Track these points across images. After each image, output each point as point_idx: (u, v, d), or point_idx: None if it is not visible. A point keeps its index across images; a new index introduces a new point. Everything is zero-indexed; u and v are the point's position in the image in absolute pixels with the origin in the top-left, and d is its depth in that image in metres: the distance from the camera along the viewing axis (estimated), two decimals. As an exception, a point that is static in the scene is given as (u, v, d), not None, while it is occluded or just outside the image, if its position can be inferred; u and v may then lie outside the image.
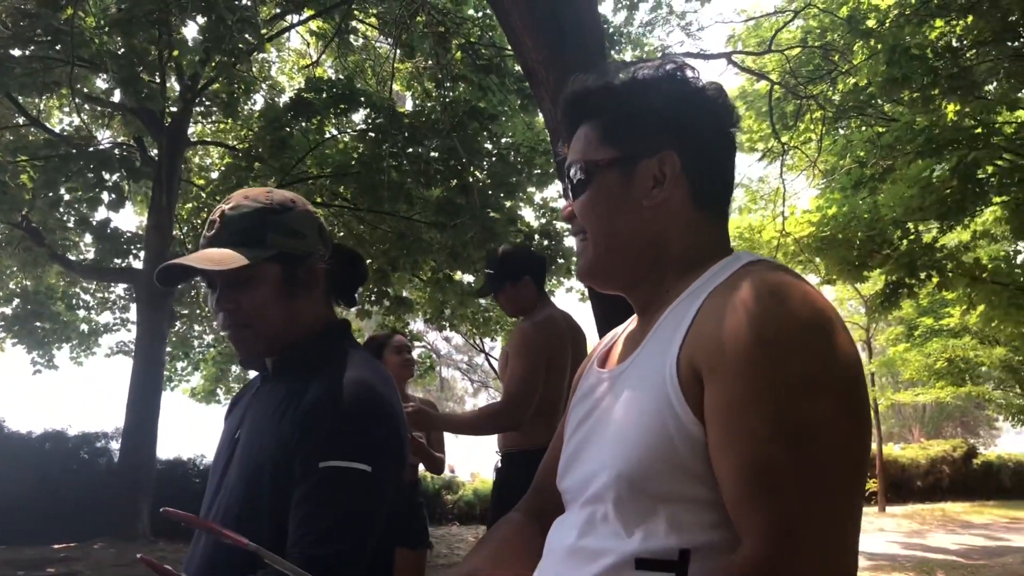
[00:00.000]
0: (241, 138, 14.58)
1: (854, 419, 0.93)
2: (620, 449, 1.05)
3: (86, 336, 16.73)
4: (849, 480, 0.92)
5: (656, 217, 1.18)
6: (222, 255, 1.64)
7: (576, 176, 1.23)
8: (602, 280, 1.26)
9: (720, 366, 0.97)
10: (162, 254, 12.14)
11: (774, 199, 14.17)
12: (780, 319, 0.96)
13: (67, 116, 14.93)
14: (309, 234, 1.78)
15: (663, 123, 1.19)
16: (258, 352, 1.79)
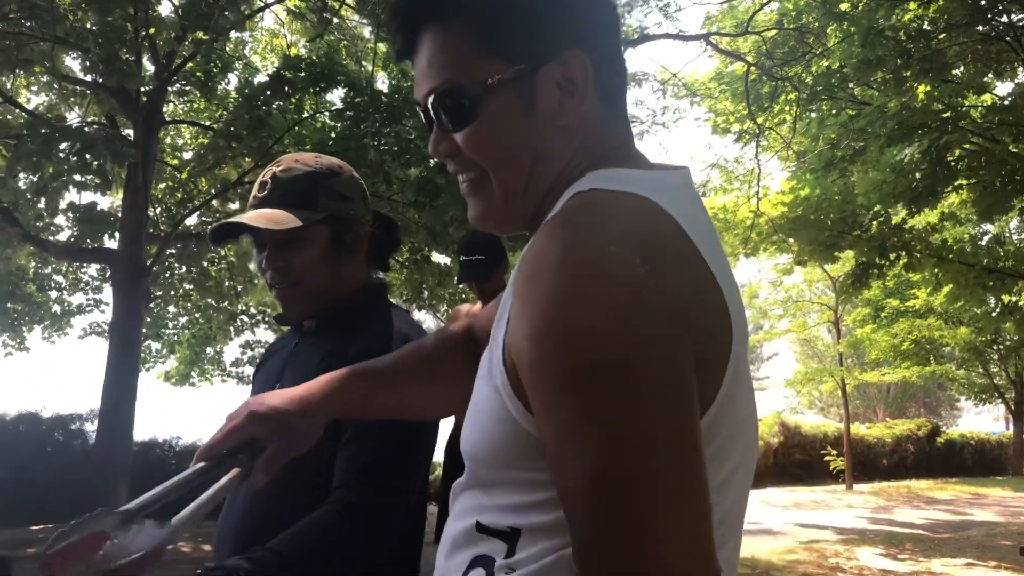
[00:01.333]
0: (215, 118, 14.46)
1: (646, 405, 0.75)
2: (468, 428, 0.97)
3: (58, 317, 16.54)
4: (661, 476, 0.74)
5: (567, 134, 0.98)
6: (277, 216, 1.72)
7: (453, 104, 0.97)
8: (510, 223, 1.05)
9: (521, 364, 0.84)
10: (138, 234, 12.03)
11: (749, 180, 14.37)
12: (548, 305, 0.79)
13: (34, 95, 14.72)
14: (356, 199, 1.88)
15: (559, 18, 0.96)
16: (302, 310, 1.88)
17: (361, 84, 11.45)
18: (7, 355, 15.94)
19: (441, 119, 0.98)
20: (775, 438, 22.66)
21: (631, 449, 0.73)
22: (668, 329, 0.77)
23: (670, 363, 0.76)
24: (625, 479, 0.73)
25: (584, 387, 0.75)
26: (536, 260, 0.82)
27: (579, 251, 0.79)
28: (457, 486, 1.01)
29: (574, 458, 0.76)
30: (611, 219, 0.82)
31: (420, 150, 11.16)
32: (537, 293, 0.80)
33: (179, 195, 14.30)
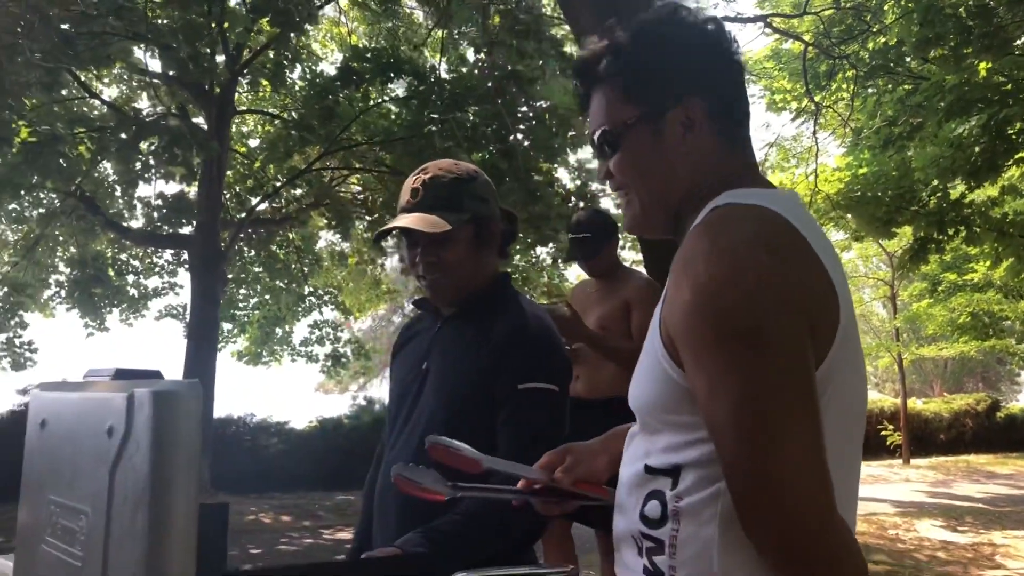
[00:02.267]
0: (282, 107, 14.94)
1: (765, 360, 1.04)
2: (637, 381, 1.27)
3: (135, 300, 17.31)
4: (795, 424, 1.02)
5: (690, 160, 1.26)
6: (433, 220, 1.99)
7: (606, 139, 1.30)
8: (650, 229, 1.36)
9: (675, 334, 1.13)
10: (213, 220, 12.60)
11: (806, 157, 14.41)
12: (694, 286, 1.09)
13: (106, 87, 15.36)
14: (491, 199, 2.12)
15: (679, 71, 1.26)
16: (449, 298, 2.13)
17: (424, 72, 11.78)
18: (89, 335, 16.71)
19: (602, 151, 1.33)
20: (831, 413, 22.58)
21: (763, 392, 1.03)
22: (786, 303, 1.06)
23: (788, 328, 1.05)
24: (759, 414, 1.02)
25: (725, 347, 1.05)
26: (687, 256, 1.13)
27: (719, 248, 1.10)
28: (631, 434, 1.32)
29: (720, 401, 1.05)
30: (743, 224, 1.13)
31: (483, 136, 11.47)
32: (688, 280, 1.10)
33: (249, 182, 14.84)
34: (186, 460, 1.05)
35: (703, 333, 1.08)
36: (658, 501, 1.18)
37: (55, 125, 11.01)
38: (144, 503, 1.02)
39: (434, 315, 2.22)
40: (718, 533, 1.11)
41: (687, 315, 1.10)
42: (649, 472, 1.21)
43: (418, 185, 2.05)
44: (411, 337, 2.30)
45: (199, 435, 1.06)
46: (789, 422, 1.02)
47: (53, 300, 16.90)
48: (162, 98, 13.63)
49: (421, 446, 1.91)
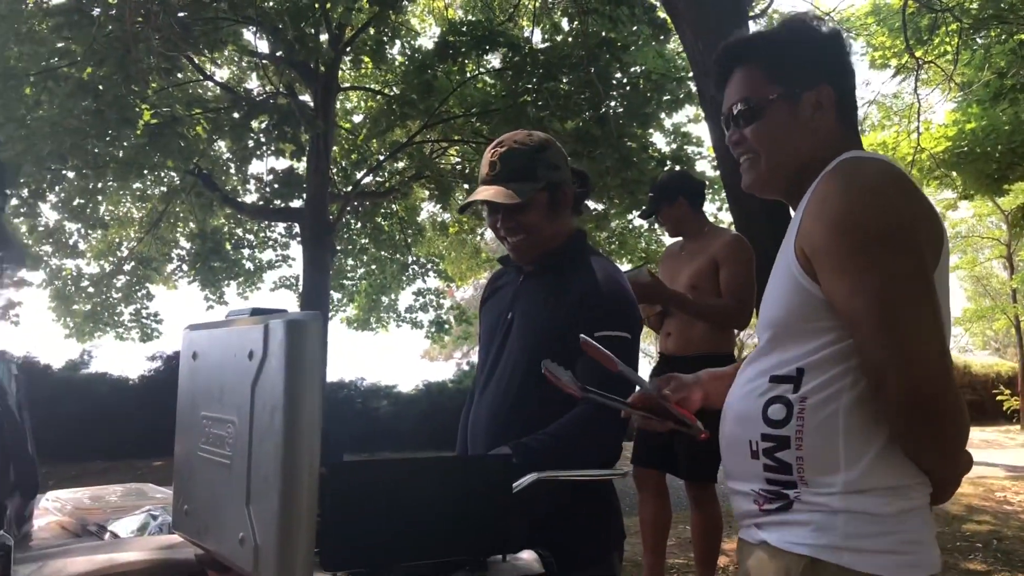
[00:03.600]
0: (383, 82, 15.39)
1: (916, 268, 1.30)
2: (770, 302, 1.48)
3: (251, 273, 18.20)
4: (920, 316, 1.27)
5: (815, 137, 1.50)
6: (509, 192, 2.17)
7: (746, 109, 1.52)
8: (769, 189, 1.57)
9: (815, 254, 1.35)
10: (322, 194, 13.16)
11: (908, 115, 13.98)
12: (846, 201, 1.33)
13: (218, 69, 16.11)
14: (563, 166, 2.29)
15: (816, 61, 1.52)
16: (530, 258, 2.32)
17: (519, 43, 11.97)
18: (209, 308, 17.70)
19: (738, 120, 1.55)
20: (943, 378, 21.87)
21: (900, 285, 1.28)
22: (916, 218, 1.33)
23: (918, 237, 1.32)
24: (896, 302, 1.27)
25: (868, 251, 1.29)
26: (824, 194, 1.38)
27: (857, 182, 1.35)
28: (747, 360, 1.55)
29: (862, 295, 1.28)
30: (875, 165, 1.38)
31: (576, 105, 11.60)
32: (829, 207, 1.35)
33: (354, 157, 15.37)
34: (312, 374, 1.33)
35: (847, 242, 1.31)
36: (782, 404, 1.40)
37: (174, 107, 11.70)
38: (280, 408, 1.30)
39: (517, 271, 2.42)
40: (842, 424, 1.34)
41: (830, 231, 1.33)
42: (773, 381, 1.43)
43: (495, 158, 2.23)
44: (496, 289, 2.50)
45: (323, 354, 1.33)
46: (918, 309, 1.27)
47: (176, 273, 17.96)
48: (271, 78, 14.25)
49: (507, 387, 2.18)
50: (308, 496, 1.24)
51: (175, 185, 15.34)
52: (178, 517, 1.68)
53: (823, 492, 1.35)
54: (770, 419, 1.40)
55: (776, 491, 1.41)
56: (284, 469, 1.25)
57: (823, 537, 1.34)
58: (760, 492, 1.44)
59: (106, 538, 2.24)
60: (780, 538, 1.40)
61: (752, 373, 1.50)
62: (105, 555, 1.92)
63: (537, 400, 2.09)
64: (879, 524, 1.32)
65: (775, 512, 1.41)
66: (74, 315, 16.64)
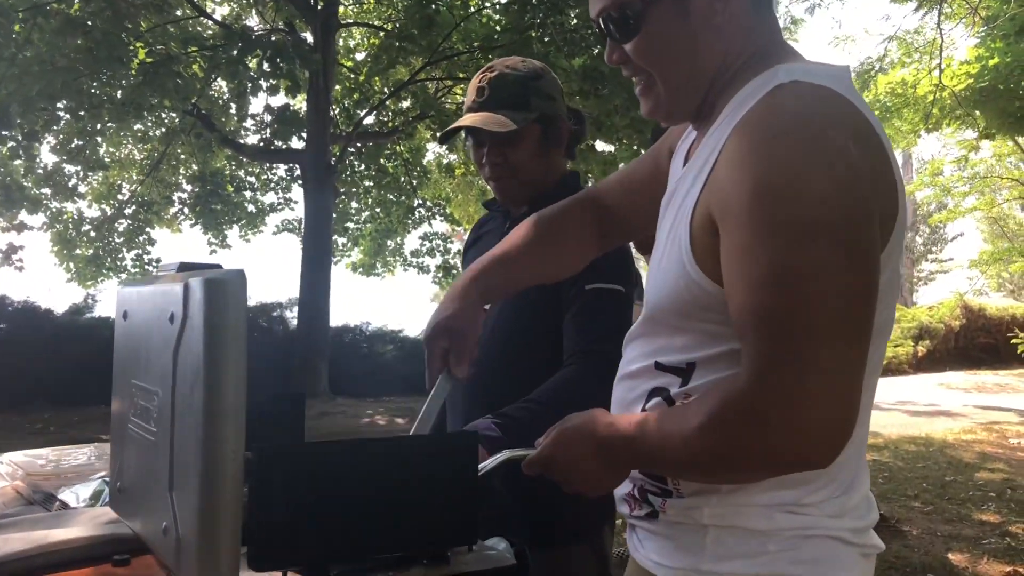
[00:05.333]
0: (385, 18, 14.96)
1: (851, 262, 0.93)
2: (654, 284, 1.17)
3: (253, 216, 18.01)
4: (843, 325, 0.92)
5: (720, 39, 1.12)
6: (499, 118, 1.94)
7: (620, 19, 1.14)
8: (677, 115, 1.23)
9: (726, 216, 0.99)
10: (323, 134, 12.86)
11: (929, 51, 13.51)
12: (777, 165, 0.95)
13: (218, 6, 15.69)
14: (558, 98, 2.07)
15: None
16: (518, 198, 2.09)
17: (525, -25, 11.55)
18: (212, 252, 17.55)
19: (612, 33, 1.16)
20: (956, 321, 21.75)
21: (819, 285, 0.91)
22: (870, 198, 0.95)
23: (870, 230, 0.95)
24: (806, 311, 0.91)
25: (801, 239, 0.92)
26: (759, 132, 0.99)
27: (804, 129, 0.96)
28: (632, 332, 1.25)
29: (761, 292, 0.93)
30: (823, 107, 0.99)
31: (584, 40, 11.22)
32: (766, 157, 0.96)
33: (356, 96, 15.02)
34: (235, 341, 1.13)
35: (773, 215, 0.94)
36: (662, 398, 1.14)
37: (169, 45, 11.38)
38: (200, 380, 1.11)
39: (504, 215, 2.21)
40: None
41: (758, 194, 0.95)
42: (659, 368, 1.15)
43: (484, 83, 2.01)
44: (481, 236, 2.30)
45: (245, 319, 1.13)
46: (837, 324, 0.92)
47: (178, 217, 17.76)
48: (268, 15, 13.85)
49: (490, 344, 1.92)
50: (232, 484, 1.08)
51: (175, 126, 15.07)
52: (113, 494, 1.55)
53: (693, 505, 1.11)
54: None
55: (644, 496, 1.19)
56: (205, 451, 1.08)
57: (686, 558, 1.12)
58: (631, 495, 1.22)
59: (54, 508, 2.08)
60: (644, 554, 1.20)
61: (637, 351, 1.22)
62: (42, 531, 1.75)
63: (524, 357, 1.94)
64: (758, 543, 1.07)
65: (644, 519, 1.20)
66: (76, 259, 16.53)
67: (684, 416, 1.02)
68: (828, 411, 0.91)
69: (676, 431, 1.02)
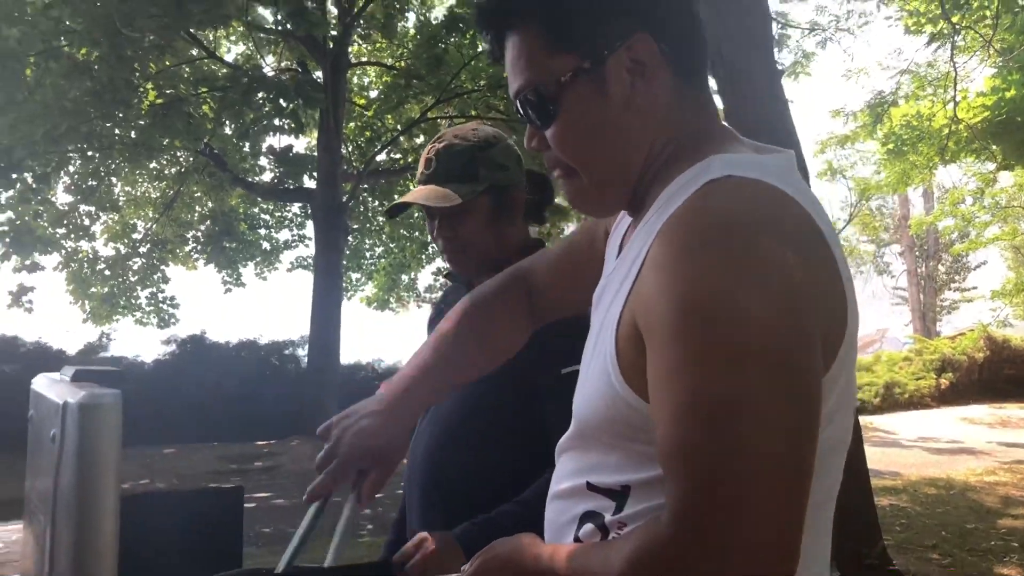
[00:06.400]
0: (397, 56, 15.04)
1: (786, 393, 0.80)
2: (581, 394, 1.04)
3: (268, 253, 18.06)
4: (776, 464, 0.78)
5: (645, 116, 1.01)
6: (444, 192, 1.86)
7: (535, 101, 1.02)
8: (603, 207, 1.12)
9: (650, 332, 0.88)
10: (333, 172, 12.88)
11: (944, 84, 13.36)
12: (702, 281, 0.83)
13: (234, 45, 15.84)
14: (512, 166, 1.97)
15: (617, 4, 1.00)
16: (472, 271, 1.99)
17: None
18: (227, 291, 17.59)
19: (530, 117, 1.04)
20: (980, 353, 21.36)
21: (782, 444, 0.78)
22: (809, 317, 0.83)
23: (810, 356, 0.82)
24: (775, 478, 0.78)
25: (730, 366, 0.80)
26: (684, 239, 0.87)
27: (734, 238, 0.84)
28: (563, 444, 1.10)
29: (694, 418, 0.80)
30: (758, 209, 0.87)
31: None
32: (690, 270, 0.84)
33: (368, 133, 15.07)
34: (107, 472, 1.06)
35: (700, 338, 0.82)
36: (595, 525, 1.01)
37: (179, 87, 11.45)
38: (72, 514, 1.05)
39: (467, 285, 2.07)
40: None
41: (683, 312, 0.83)
42: (591, 489, 1.02)
43: (431, 155, 1.94)
44: (444, 308, 2.14)
45: (119, 445, 1.07)
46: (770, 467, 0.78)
47: (192, 254, 17.83)
48: (282, 54, 13.94)
49: (447, 423, 1.83)
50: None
51: (188, 165, 15.17)
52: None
53: None
54: (579, 540, 1.02)
55: None
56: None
57: None
58: None
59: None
60: None
61: (569, 465, 1.08)
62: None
63: (491, 454, 1.79)
64: None
65: None
66: (91, 298, 16.60)
67: (607, 558, 0.88)
68: (761, 560, 0.77)
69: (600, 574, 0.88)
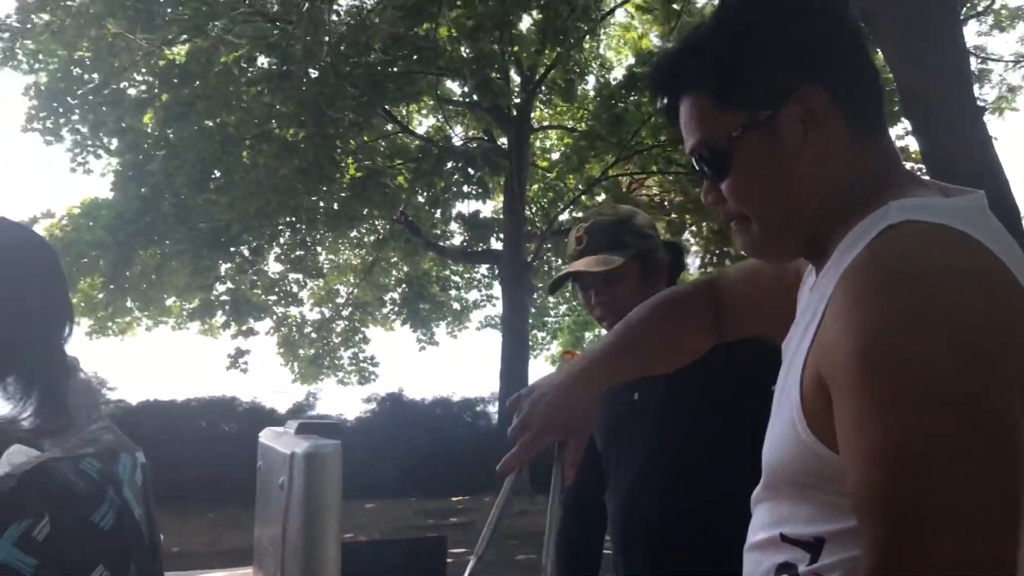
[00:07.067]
0: (577, 119, 15.39)
1: (981, 435, 0.78)
2: (770, 445, 1.04)
3: (458, 313, 18.76)
4: (977, 510, 0.76)
5: (819, 166, 1.01)
6: (603, 259, 2.07)
7: (708, 158, 1.05)
8: (778, 255, 1.13)
9: (834, 382, 0.87)
10: (518, 234, 13.26)
11: None
12: (884, 326, 0.82)
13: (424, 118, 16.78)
14: (653, 234, 2.17)
15: (783, 57, 1.01)
16: None
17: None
18: (421, 349, 18.36)
19: (705, 172, 1.07)
20: None
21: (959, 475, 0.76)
22: (1003, 364, 0.80)
23: (1004, 398, 0.79)
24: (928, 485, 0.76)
25: (920, 411, 0.78)
26: (863, 285, 0.87)
27: (916, 282, 0.83)
28: (757, 495, 1.12)
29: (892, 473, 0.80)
30: (938, 253, 0.86)
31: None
32: (871, 316, 0.83)
33: (550, 194, 15.44)
34: (331, 513, 1.18)
35: (883, 387, 0.81)
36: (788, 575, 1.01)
37: (375, 160, 12.23)
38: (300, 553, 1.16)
39: None
40: None
41: (864, 361, 0.82)
42: (785, 541, 1.01)
43: (581, 233, 2.15)
44: None
45: (340, 490, 1.18)
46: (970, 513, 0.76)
47: (389, 316, 18.77)
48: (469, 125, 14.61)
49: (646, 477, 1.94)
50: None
51: (385, 232, 16.06)
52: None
53: None
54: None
55: None
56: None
57: None
58: None
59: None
60: None
61: (763, 517, 1.08)
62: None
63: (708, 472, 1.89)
64: None
65: None
66: (299, 360, 17.75)
67: None
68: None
69: None
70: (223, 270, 13.71)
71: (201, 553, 9.51)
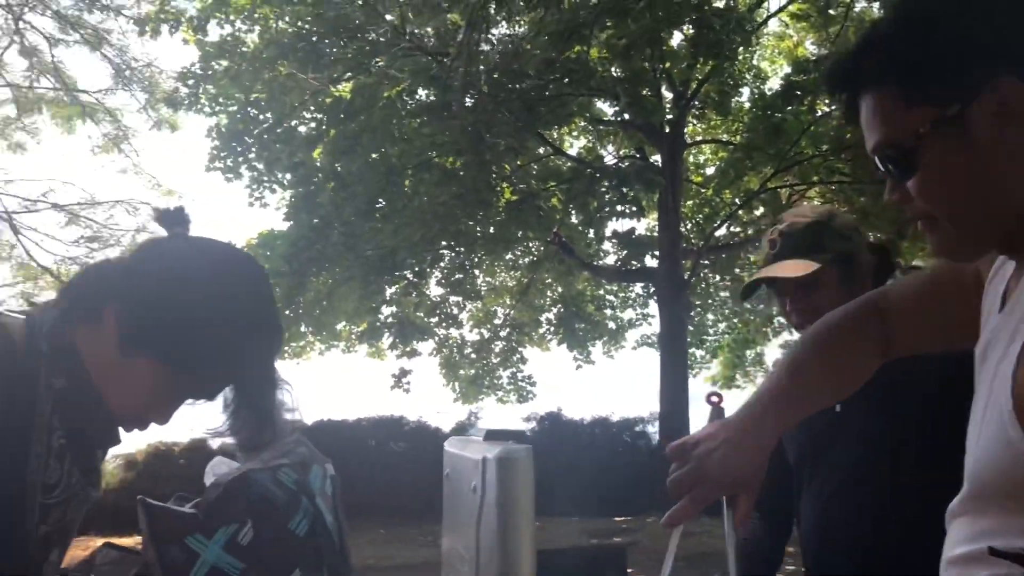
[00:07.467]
0: (732, 131, 15.10)
1: None
2: (974, 456, 1.00)
3: (614, 332, 18.71)
4: None
5: (1016, 159, 0.94)
6: (800, 263, 1.94)
7: (893, 156, 1.00)
8: (969, 256, 1.09)
9: None
10: (674, 251, 13.12)
11: None
12: None
13: (575, 140, 16.92)
14: (853, 236, 2.04)
15: (975, 49, 0.94)
16: None
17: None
18: (578, 368, 18.44)
19: (890, 171, 1.03)
20: None
21: None
22: None
23: None
24: None
25: None
26: None
27: None
28: (955, 508, 1.08)
29: None
30: None
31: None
32: None
33: (706, 210, 15.21)
34: (525, 516, 1.22)
35: None
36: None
37: (530, 183, 12.44)
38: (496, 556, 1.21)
39: None
40: None
41: None
42: (995, 554, 0.98)
43: (775, 236, 2.05)
44: None
45: (533, 493, 1.22)
46: None
47: (546, 336, 18.96)
48: (621, 143, 14.61)
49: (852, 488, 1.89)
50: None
51: (540, 254, 16.26)
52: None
53: None
54: None
55: None
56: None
57: None
58: None
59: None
60: None
61: (964, 531, 1.04)
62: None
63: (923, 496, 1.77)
64: None
65: None
66: (460, 380, 18.18)
67: None
68: None
69: None
70: (388, 294, 14.27)
71: (375, 568, 9.88)
